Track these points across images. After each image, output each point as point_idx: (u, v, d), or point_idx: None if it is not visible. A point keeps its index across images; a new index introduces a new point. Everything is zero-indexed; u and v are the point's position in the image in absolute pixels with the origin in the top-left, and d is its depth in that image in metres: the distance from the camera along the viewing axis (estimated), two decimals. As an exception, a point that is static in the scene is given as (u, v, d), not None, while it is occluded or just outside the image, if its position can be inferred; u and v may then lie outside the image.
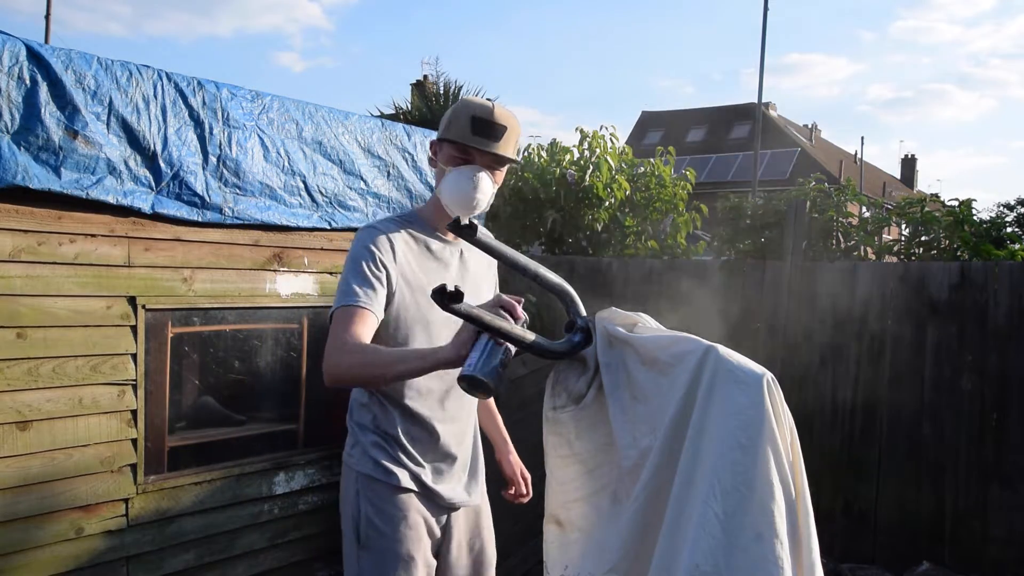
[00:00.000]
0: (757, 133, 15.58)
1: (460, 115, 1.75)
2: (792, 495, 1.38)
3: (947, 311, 3.90)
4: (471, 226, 1.52)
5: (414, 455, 1.84)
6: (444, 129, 1.79)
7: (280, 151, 2.96)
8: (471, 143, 1.73)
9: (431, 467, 1.86)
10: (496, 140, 1.74)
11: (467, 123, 1.73)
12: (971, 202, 4.40)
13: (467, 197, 1.73)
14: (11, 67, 2.26)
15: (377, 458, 1.82)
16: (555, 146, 6.12)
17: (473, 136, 1.73)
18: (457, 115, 1.76)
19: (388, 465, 1.82)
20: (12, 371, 2.34)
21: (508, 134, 1.76)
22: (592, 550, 1.57)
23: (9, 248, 2.32)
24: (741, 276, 4.54)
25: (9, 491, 2.34)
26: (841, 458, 4.12)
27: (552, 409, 1.66)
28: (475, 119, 1.73)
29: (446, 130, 1.78)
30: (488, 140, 1.74)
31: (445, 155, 1.78)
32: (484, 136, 1.73)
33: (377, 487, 1.82)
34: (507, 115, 1.77)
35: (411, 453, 1.84)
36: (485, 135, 1.73)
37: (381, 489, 1.82)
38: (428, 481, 1.85)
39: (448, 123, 1.78)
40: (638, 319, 1.63)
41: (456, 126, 1.75)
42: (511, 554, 3.52)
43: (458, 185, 1.73)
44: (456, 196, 1.74)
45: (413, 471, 1.83)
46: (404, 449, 1.83)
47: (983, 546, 3.76)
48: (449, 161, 1.76)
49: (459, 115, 1.75)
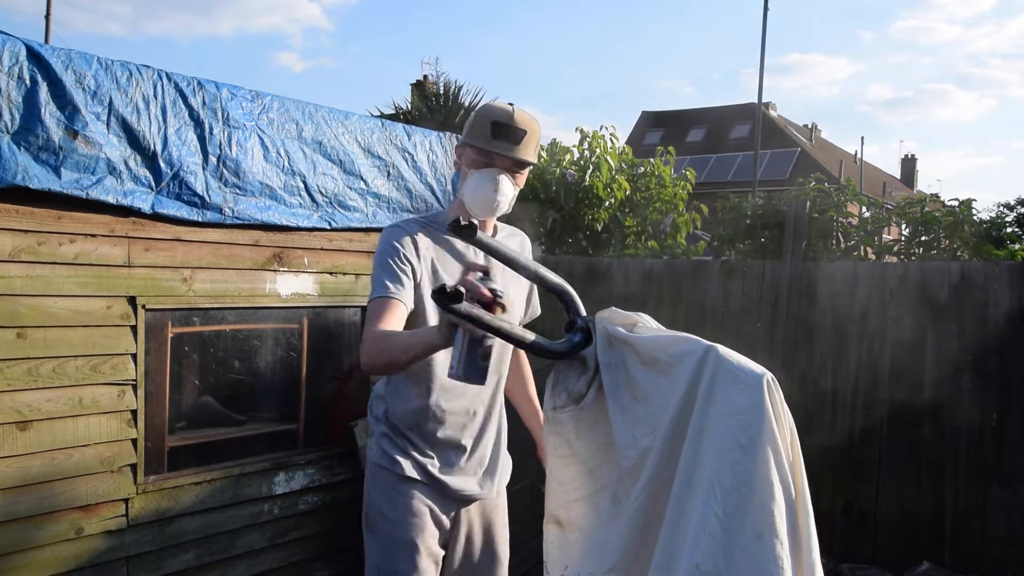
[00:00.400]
0: (757, 133, 15.58)
1: (481, 120, 1.82)
2: (792, 495, 1.38)
3: (947, 311, 3.90)
4: (470, 226, 1.54)
5: (419, 446, 1.91)
6: (467, 134, 1.86)
7: (280, 151, 2.96)
8: (492, 148, 1.80)
9: (440, 457, 1.92)
10: (516, 144, 1.81)
11: (488, 128, 1.80)
12: (971, 202, 4.40)
13: (488, 199, 1.81)
14: (11, 67, 2.26)
15: (385, 448, 1.92)
16: (555, 146, 6.12)
17: (493, 140, 1.80)
18: (479, 120, 1.83)
19: (394, 455, 1.90)
20: (12, 371, 2.34)
21: (528, 138, 1.82)
22: (592, 550, 1.57)
23: (9, 248, 2.32)
24: (741, 276, 4.53)
25: (9, 491, 2.34)
26: (841, 458, 4.12)
27: (552, 409, 1.66)
28: (495, 124, 1.80)
29: (469, 135, 1.85)
30: (508, 144, 1.80)
31: (468, 159, 1.85)
32: (504, 140, 1.80)
33: (384, 475, 1.91)
34: (527, 119, 1.83)
35: (417, 444, 1.91)
36: (506, 139, 1.80)
37: (387, 477, 1.90)
38: (435, 471, 1.90)
39: (470, 128, 1.85)
40: (638, 319, 1.63)
41: (478, 131, 1.82)
42: (511, 554, 3.52)
43: (480, 188, 1.81)
44: (477, 198, 1.81)
45: (419, 461, 1.90)
46: (410, 440, 1.91)
47: (983, 546, 3.75)
48: (471, 165, 1.83)
49: (481, 120, 1.82)
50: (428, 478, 1.90)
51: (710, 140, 30.46)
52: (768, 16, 14.61)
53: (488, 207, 1.83)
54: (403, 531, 1.88)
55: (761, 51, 14.49)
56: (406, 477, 1.89)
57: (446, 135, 3.64)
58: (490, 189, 1.80)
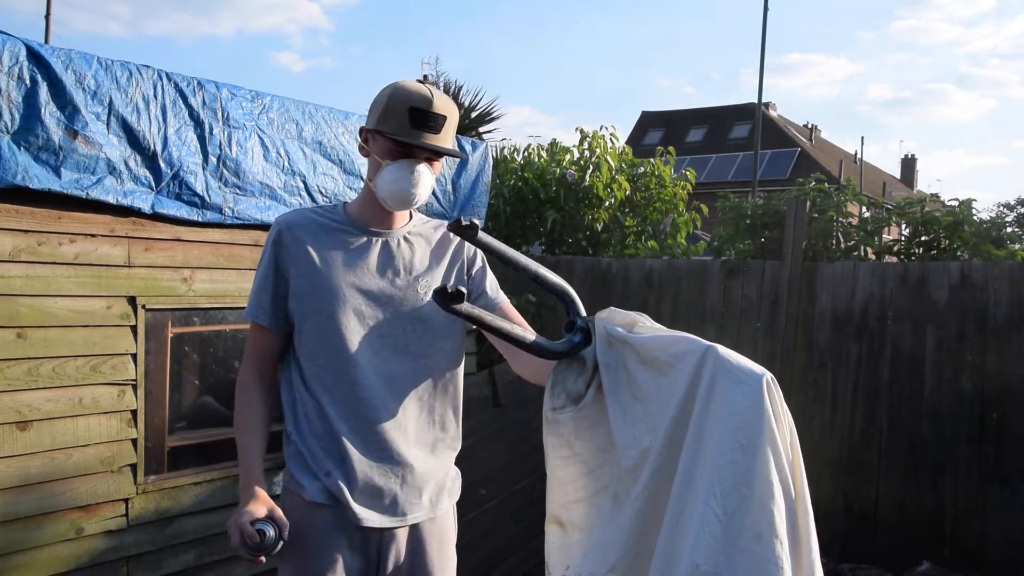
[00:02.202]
0: (757, 133, 15.56)
1: (396, 105, 1.64)
2: (792, 495, 1.38)
3: (947, 311, 3.90)
4: (472, 226, 1.50)
5: (333, 466, 1.67)
6: (379, 120, 1.66)
7: (280, 151, 2.96)
8: (411, 139, 1.63)
9: (359, 479, 1.66)
10: (437, 133, 1.66)
11: (404, 116, 1.62)
12: (971, 202, 4.41)
13: (406, 193, 1.66)
14: (11, 67, 2.26)
15: (293, 470, 1.71)
16: (555, 146, 6.13)
17: (412, 130, 1.63)
18: (393, 105, 1.64)
19: (300, 477, 1.69)
20: (12, 371, 2.34)
21: (448, 124, 1.68)
22: (593, 550, 1.57)
23: (9, 248, 2.32)
24: (741, 276, 4.54)
25: (9, 491, 2.34)
26: (841, 458, 4.12)
27: (552, 410, 1.66)
28: (414, 111, 1.62)
29: (382, 122, 1.65)
30: (428, 133, 1.64)
31: (381, 147, 1.67)
32: (423, 129, 1.64)
33: (291, 499, 1.70)
34: (446, 103, 1.68)
35: (331, 464, 1.67)
36: (425, 128, 1.64)
37: (296, 502, 1.68)
38: (347, 496, 1.65)
39: (384, 114, 1.65)
40: (638, 319, 1.63)
41: (393, 118, 1.64)
42: (511, 554, 3.52)
43: (399, 182, 1.65)
44: (395, 191, 1.66)
45: (328, 483, 1.66)
46: (322, 460, 1.67)
47: (983, 546, 3.76)
48: (386, 155, 1.66)
49: (396, 105, 1.64)
50: (338, 503, 1.66)
51: (710, 140, 30.46)
52: (768, 16, 14.60)
53: (406, 201, 1.67)
54: (309, 562, 1.65)
55: (761, 51, 14.49)
56: (312, 503, 1.66)
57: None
58: (408, 183, 1.65)
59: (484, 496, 3.41)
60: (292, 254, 1.68)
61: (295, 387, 1.72)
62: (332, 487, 1.66)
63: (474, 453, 3.32)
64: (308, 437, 1.69)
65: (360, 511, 1.66)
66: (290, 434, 1.72)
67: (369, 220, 1.75)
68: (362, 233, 1.73)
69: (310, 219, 1.72)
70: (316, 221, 1.72)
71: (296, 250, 1.68)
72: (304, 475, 1.68)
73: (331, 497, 1.66)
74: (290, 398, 1.73)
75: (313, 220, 1.72)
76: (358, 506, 1.66)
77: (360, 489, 1.66)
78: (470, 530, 3.35)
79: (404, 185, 1.65)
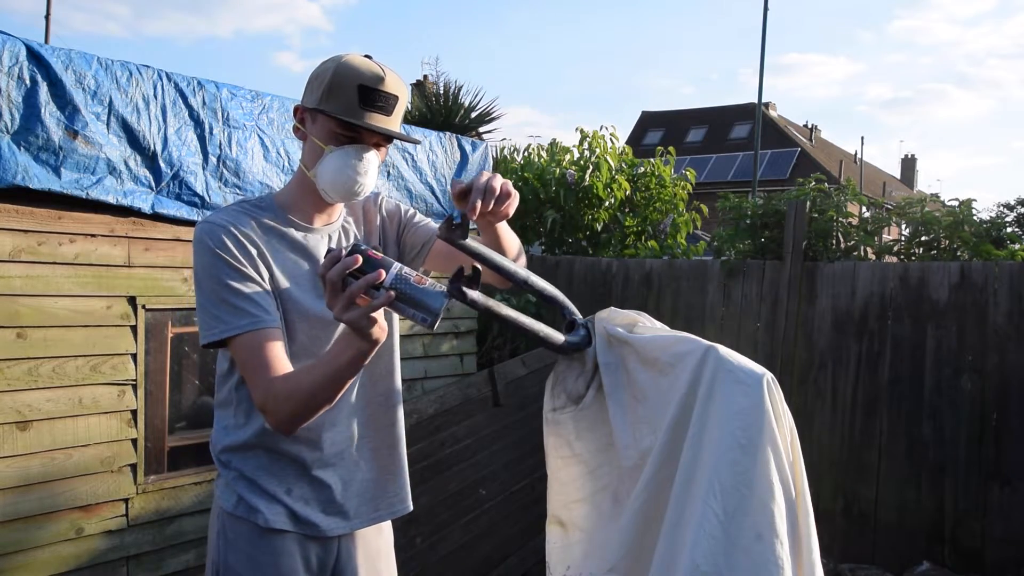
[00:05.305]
0: (757, 133, 15.55)
1: (343, 82, 1.42)
2: (792, 495, 1.38)
3: (947, 311, 3.90)
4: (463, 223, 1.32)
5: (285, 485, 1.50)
6: (322, 98, 1.43)
7: (280, 151, 2.96)
8: (360, 121, 1.42)
9: (312, 492, 1.51)
10: (387, 114, 1.46)
11: (353, 94, 1.41)
12: (971, 202, 4.40)
13: (352, 183, 1.45)
14: (11, 67, 2.26)
15: (241, 492, 1.48)
16: (555, 146, 6.12)
17: (361, 110, 1.42)
18: (339, 82, 1.42)
19: (252, 500, 1.47)
20: (12, 371, 2.34)
21: (399, 104, 1.48)
22: (594, 550, 1.57)
23: (9, 248, 2.32)
24: (741, 276, 4.54)
25: (9, 491, 2.34)
26: (841, 458, 4.12)
27: (552, 410, 1.66)
28: (363, 89, 1.42)
29: (326, 100, 1.43)
30: (378, 114, 1.44)
31: (323, 130, 1.45)
32: (373, 110, 1.43)
33: (238, 527, 1.48)
34: (397, 81, 1.47)
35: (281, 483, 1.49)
36: (375, 109, 1.43)
37: (244, 530, 1.47)
38: (306, 513, 1.50)
39: (329, 91, 1.43)
40: (638, 318, 1.63)
41: (339, 97, 1.42)
42: (510, 554, 3.52)
43: (342, 169, 1.44)
44: (340, 181, 1.45)
45: (286, 503, 1.48)
46: (275, 475, 1.49)
47: (983, 546, 3.75)
48: (328, 138, 1.45)
49: (342, 82, 1.42)
50: (298, 523, 1.49)
51: (710, 140, 30.46)
52: (768, 16, 14.58)
53: (352, 192, 1.47)
54: None
55: (761, 51, 14.47)
56: (271, 529, 1.47)
57: (446, 135, 3.64)
58: (355, 172, 1.44)
59: (484, 496, 3.41)
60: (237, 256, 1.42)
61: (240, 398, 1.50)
62: (296, 506, 1.49)
63: (474, 453, 3.32)
64: (260, 453, 1.49)
65: (325, 522, 1.52)
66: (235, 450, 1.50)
67: (308, 215, 1.54)
68: (304, 231, 1.53)
69: (245, 220, 1.47)
70: (257, 220, 1.48)
71: (240, 252, 1.42)
72: (258, 497, 1.47)
73: (294, 520, 1.49)
74: (227, 405, 1.52)
75: (249, 220, 1.48)
76: (323, 516, 1.52)
77: (322, 500, 1.52)
78: (470, 530, 3.35)
79: (350, 174, 1.44)
